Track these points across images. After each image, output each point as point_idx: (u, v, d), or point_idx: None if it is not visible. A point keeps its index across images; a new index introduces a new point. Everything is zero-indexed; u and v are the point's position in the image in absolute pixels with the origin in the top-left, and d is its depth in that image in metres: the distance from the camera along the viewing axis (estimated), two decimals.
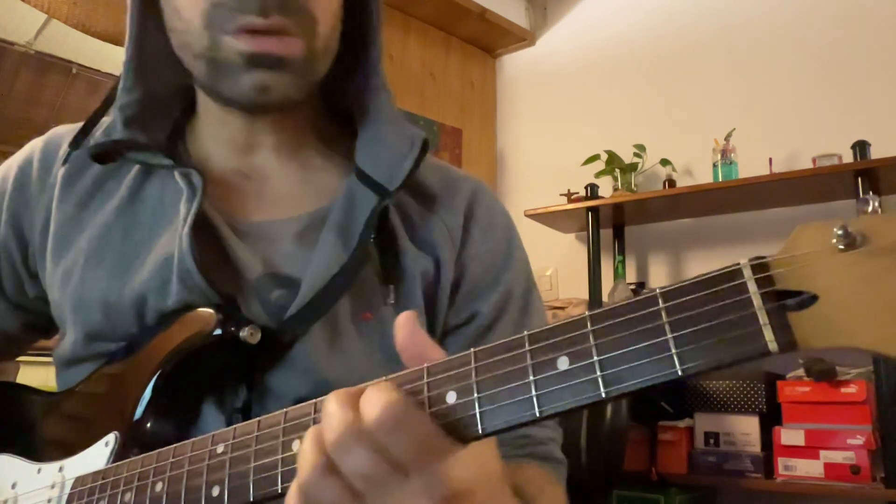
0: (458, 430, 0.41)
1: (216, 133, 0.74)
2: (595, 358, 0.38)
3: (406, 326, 0.45)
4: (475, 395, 0.40)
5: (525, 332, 0.41)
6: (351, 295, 0.67)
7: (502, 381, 0.40)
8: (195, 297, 0.64)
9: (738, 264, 0.35)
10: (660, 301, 0.37)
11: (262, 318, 0.65)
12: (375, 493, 0.40)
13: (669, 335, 0.36)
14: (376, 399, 0.41)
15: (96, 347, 0.68)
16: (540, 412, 0.39)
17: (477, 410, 0.40)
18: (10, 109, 2.02)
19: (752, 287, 0.34)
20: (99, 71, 2.14)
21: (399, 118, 0.74)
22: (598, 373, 0.37)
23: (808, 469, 2.07)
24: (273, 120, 0.72)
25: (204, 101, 0.74)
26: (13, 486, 0.67)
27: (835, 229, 0.33)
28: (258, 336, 0.62)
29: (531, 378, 0.39)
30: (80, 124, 0.76)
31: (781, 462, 2.13)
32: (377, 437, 0.40)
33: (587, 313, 0.39)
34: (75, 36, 2.10)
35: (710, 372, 0.36)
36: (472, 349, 0.42)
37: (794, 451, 2.11)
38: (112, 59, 2.27)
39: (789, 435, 2.12)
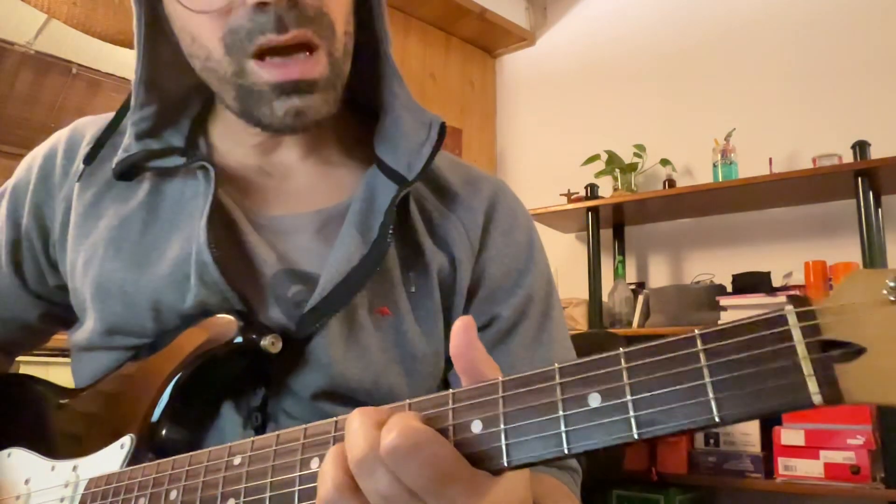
0: (483, 461, 0.39)
1: (236, 134, 0.73)
2: (628, 397, 0.36)
3: (465, 334, 0.43)
4: (502, 426, 0.39)
5: (556, 365, 0.39)
6: (369, 289, 0.66)
7: (530, 413, 0.39)
8: (212, 293, 0.63)
9: (783, 310, 0.34)
10: (698, 343, 0.35)
11: (279, 316, 0.64)
12: None
13: (708, 379, 0.34)
14: (395, 424, 0.40)
15: (114, 340, 0.68)
16: (569, 449, 0.37)
17: (503, 442, 0.39)
18: (10, 109, 2.02)
19: (797, 335, 0.33)
20: (99, 71, 2.14)
21: (414, 104, 0.72)
22: (632, 413, 0.36)
23: (808, 469, 2.08)
24: None
25: (223, 107, 0.73)
26: (26, 482, 0.67)
27: (887, 280, 0.32)
28: (279, 346, 0.61)
29: (560, 413, 0.38)
30: (103, 116, 0.75)
31: (781, 462, 2.13)
32: (395, 462, 0.39)
33: (622, 350, 0.37)
34: (75, 36, 2.10)
35: (748, 420, 0.34)
36: (499, 378, 0.40)
37: (794, 451, 2.11)
38: (112, 59, 2.26)
39: (789, 435, 2.12)
